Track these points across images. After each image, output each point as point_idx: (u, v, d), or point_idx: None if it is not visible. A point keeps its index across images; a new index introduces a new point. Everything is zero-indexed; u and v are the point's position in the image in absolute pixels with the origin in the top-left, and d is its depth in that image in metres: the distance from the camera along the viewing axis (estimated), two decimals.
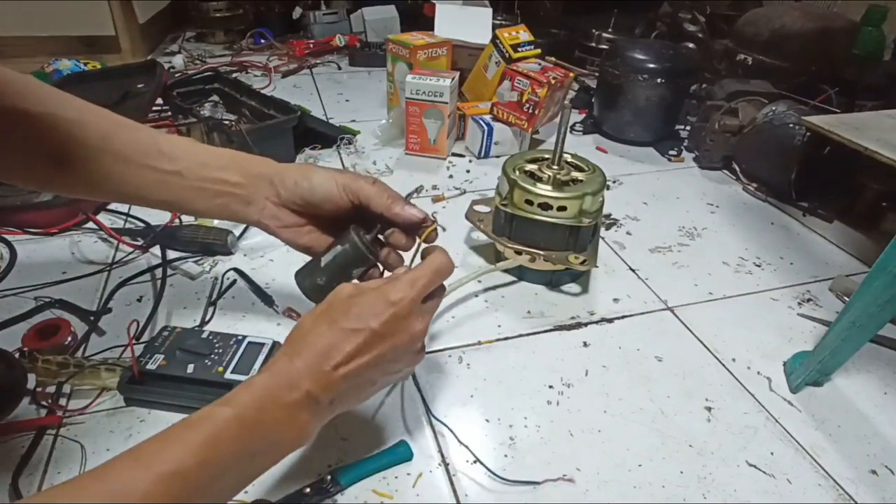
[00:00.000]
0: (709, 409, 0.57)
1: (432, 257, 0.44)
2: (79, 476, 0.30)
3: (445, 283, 0.45)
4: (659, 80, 1.07)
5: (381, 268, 0.49)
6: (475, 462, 0.50)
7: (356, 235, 0.46)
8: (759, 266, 0.80)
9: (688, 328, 0.68)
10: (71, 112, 0.45)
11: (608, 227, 0.87)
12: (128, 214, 0.83)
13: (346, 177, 0.47)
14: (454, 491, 0.48)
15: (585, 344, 0.65)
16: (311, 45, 1.61)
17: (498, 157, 1.06)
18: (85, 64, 1.29)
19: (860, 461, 0.53)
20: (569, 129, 1.07)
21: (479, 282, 0.73)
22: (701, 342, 0.66)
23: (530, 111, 1.00)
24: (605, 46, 1.51)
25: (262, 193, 0.48)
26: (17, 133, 0.44)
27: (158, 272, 0.70)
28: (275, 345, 0.57)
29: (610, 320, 0.68)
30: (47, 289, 0.68)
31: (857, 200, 0.92)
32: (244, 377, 0.52)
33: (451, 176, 1.00)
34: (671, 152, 1.12)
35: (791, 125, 0.91)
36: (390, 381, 0.45)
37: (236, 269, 0.72)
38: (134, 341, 0.56)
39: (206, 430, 0.32)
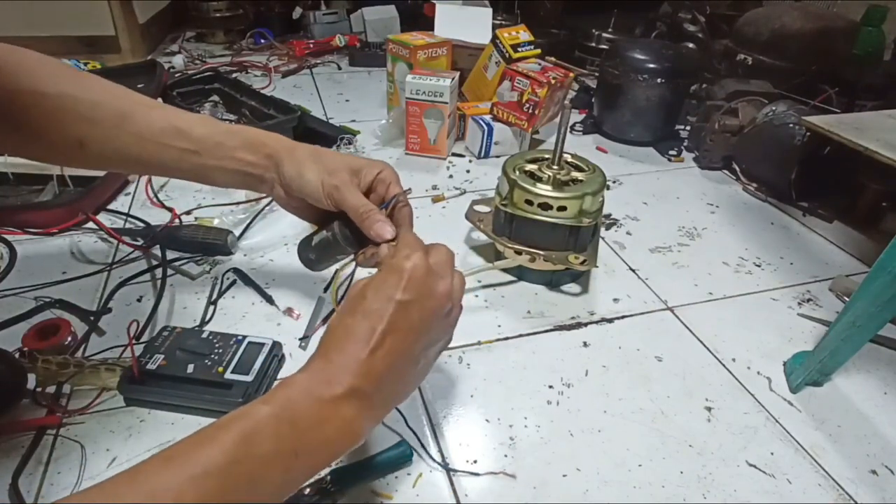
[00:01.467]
0: (709, 409, 0.57)
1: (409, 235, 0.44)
2: (111, 478, 0.29)
3: None
4: (659, 80, 1.07)
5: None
6: (475, 462, 0.50)
7: (338, 230, 0.49)
8: (759, 266, 0.80)
9: (688, 328, 0.68)
10: (87, 92, 0.47)
11: (608, 227, 0.87)
12: (128, 214, 0.83)
13: (334, 182, 0.47)
14: (454, 491, 0.48)
15: (585, 344, 0.65)
16: (311, 45, 1.61)
17: (498, 157, 1.06)
18: (85, 64, 1.29)
19: (860, 461, 0.53)
20: (569, 129, 1.07)
21: (479, 281, 0.73)
22: (701, 342, 0.66)
23: (530, 111, 1.00)
24: (605, 46, 1.51)
25: (271, 174, 0.51)
26: (35, 114, 0.45)
27: (158, 272, 0.70)
28: (275, 345, 0.57)
29: (610, 320, 0.68)
30: (47, 289, 0.68)
31: (857, 200, 0.92)
32: (244, 377, 0.52)
33: (451, 176, 1.00)
34: (671, 152, 1.12)
35: (791, 125, 0.91)
36: (432, 358, 0.42)
37: (236, 269, 0.72)
38: (134, 341, 0.56)
39: (240, 429, 0.31)
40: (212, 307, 0.66)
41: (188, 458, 0.30)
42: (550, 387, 0.59)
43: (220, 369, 0.53)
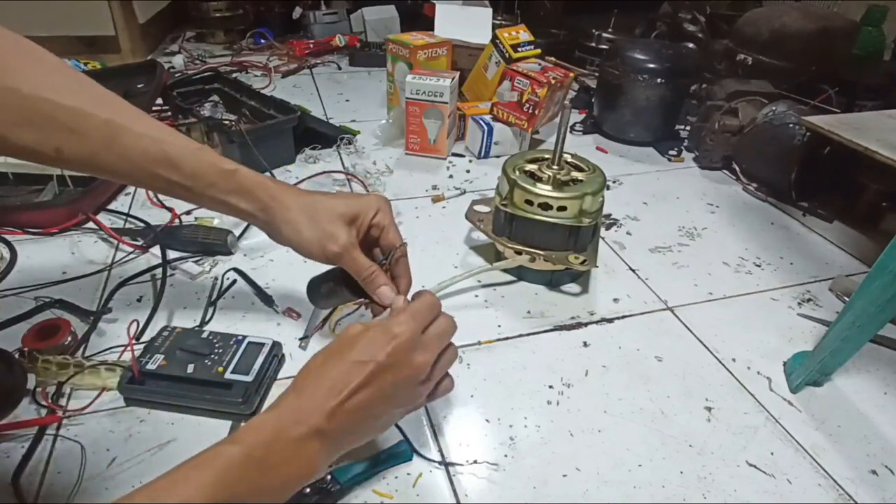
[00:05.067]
0: (709, 409, 0.57)
1: (424, 295, 0.46)
2: None
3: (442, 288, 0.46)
4: (659, 80, 1.07)
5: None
6: (475, 462, 0.50)
7: (344, 284, 0.51)
8: (759, 266, 0.80)
9: (688, 328, 0.68)
10: (71, 99, 0.42)
11: (608, 227, 0.87)
12: (128, 214, 0.83)
13: (335, 249, 0.48)
14: (454, 491, 0.48)
15: (585, 344, 0.65)
16: (311, 45, 1.61)
17: (498, 157, 1.06)
18: (85, 64, 1.29)
19: (860, 461, 0.53)
20: (569, 129, 1.07)
21: (479, 281, 0.73)
22: (701, 342, 0.66)
23: (530, 111, 1.00)
24: (605, 46, 1.51)
25: (265, 224, 0.50)
26: (4, 113, 0.41)
27: (158, 272, 0.70)
28: (275, 345, 0.57)
29: (610, 320, 0.68)
30: (47, 289, 0.68)
31: (857, 200, 0.92)
32: (244, 377, 0.52)
33: (451, 176, 1.00)
34: (671, 152, 1.12)
35: (791, 125, 0.91)
36: (395, 417, 0.45)
37: (236, 269, 0.72)
38: (134, 341, 0.56)
39: (215, 470, 0.33)
40: (212, 307, 0.66)
41: (169, 496, 0.31)
42: (550, 387, 0.59)
43: (220, 369, 0.53)
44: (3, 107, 0.40)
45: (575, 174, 0.70)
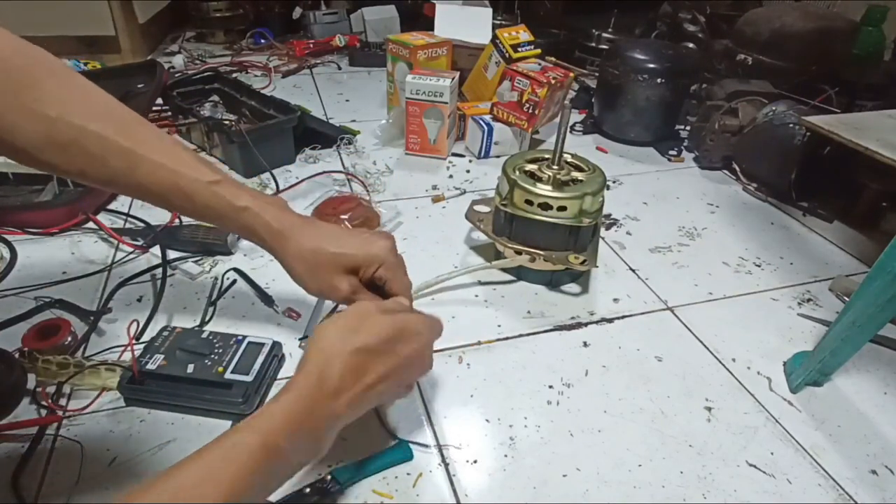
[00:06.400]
0: (709, 409, 0.57)
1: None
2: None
3: (438, 275, 0.47)
4: (659, 80, 1.07)
5: None
6: (475, 462, 0.50)
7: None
8: (759, 266, 0.80)
9: (688, 328, 0.68)
10: (94, 123, 0.43)
11: (608, 227, 0.87)
12: (128, 214, 0.83)
13: (334, 298, 0.50)
14: (454, 491, 0.48)
15: (585, 344, 0.65)
16: (311, 45, 1.61)
17: (498, 157, 1.06)
18: (85, 64, 1.29)
19: (860, 461, 0.53)
20: (569, 129, 1.07)
21: (479, 281, 0.73)
22: (701, 342, 0.66)
23: (530, 111, 1.00)
24: (605, 46, 1.51)
25: (277, 258, 0.50)
26: (35, 137, 0.42)
27: (158, 272, 0.70)
28: (275, 345, 0.57)
29: (610, 320, 0.68)
30: (47, 289, 0.68)
31: (857, 200, 0.92)
32: (244, 377, 0.52)
33: (451, 176, 1.00)
34: (671, 152, 1.12)
35: (791, 125, 0.91)
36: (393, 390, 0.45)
37: (236, 269, 0.72)
38: (134, 341, 0.56)
39: (238, 464, 0.34)
40: (212, 307, 0.66)
41: (197, 490, 0.32)
42: (550, 387, 0.59)
43: (220, 369, 0.53)
44: (31, 129, 0.41)
45: (575, 174, 0.70)
